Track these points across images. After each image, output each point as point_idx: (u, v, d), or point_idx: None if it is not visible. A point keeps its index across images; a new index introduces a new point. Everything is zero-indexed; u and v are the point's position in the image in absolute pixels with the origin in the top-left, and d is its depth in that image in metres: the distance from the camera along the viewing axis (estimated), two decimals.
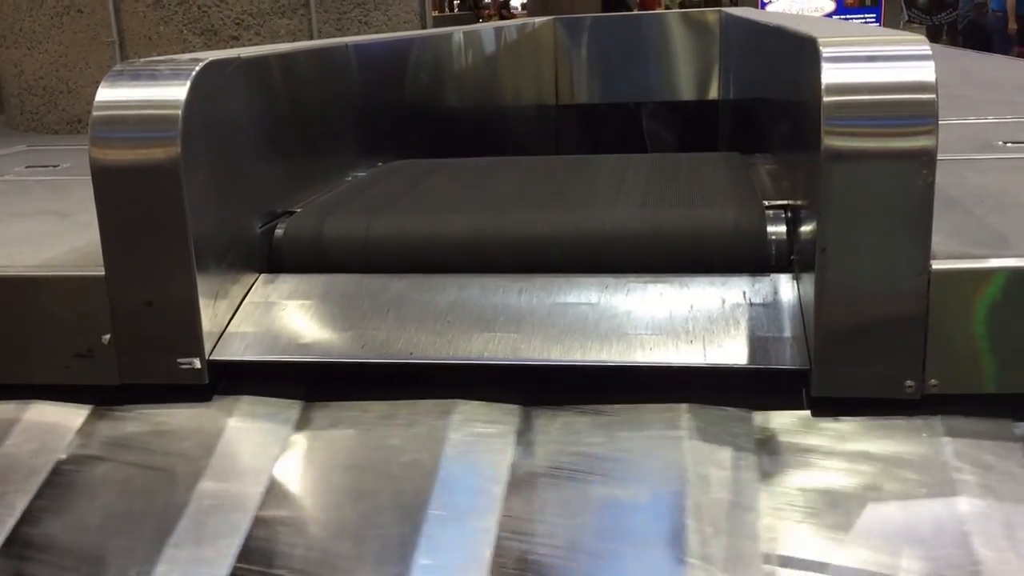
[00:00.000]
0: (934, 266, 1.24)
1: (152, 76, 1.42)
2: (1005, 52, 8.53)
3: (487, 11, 19.80)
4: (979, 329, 1.26)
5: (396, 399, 1.41)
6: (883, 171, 1.20)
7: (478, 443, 1.32)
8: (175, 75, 1.41)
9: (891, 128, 1.21)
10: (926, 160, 1.19)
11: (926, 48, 1.25)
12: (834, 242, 1.24)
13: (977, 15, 11.21)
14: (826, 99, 1.22)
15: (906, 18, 12.97)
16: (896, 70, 1.23)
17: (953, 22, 12.33)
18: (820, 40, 1.28)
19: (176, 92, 1.38)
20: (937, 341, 1.25)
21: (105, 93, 1.41)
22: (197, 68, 1.41)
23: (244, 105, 1.59)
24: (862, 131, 1.21)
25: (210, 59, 1.45)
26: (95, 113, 1.39)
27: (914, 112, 1.21)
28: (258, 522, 1.23)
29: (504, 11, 19.21)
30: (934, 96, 1.20)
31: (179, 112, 1.36)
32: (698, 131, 5.01)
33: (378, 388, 1.43)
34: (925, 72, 1.22)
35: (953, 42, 11.44)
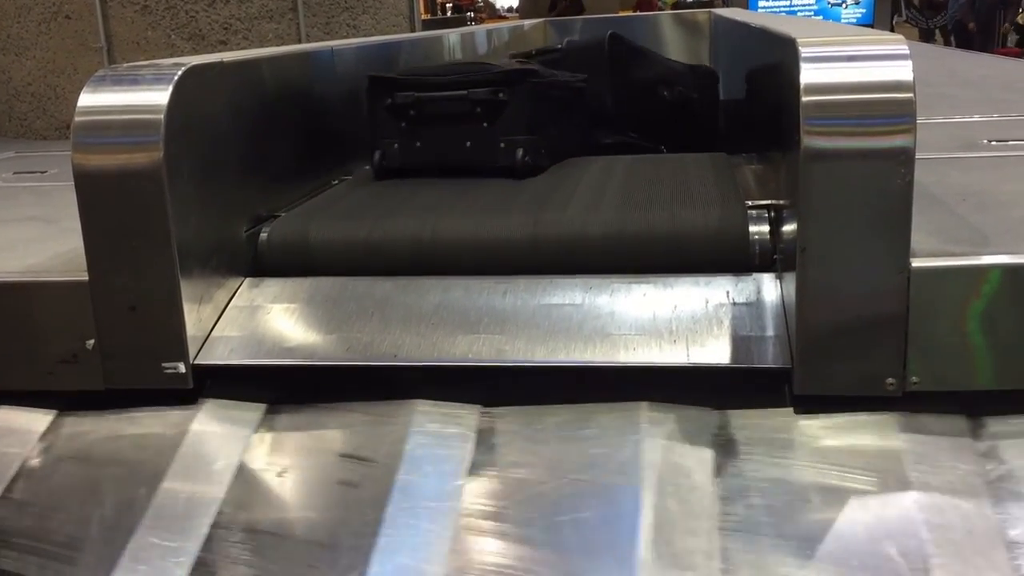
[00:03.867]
0: (914, 264, 1.24)
1: (134, 81, 1.42)
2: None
3: (480, 14, 19.84)
4: (960, 326, 1.26)
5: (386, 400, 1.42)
6: (861, 170, 1.21)
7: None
8: (157, 80, 1.41)
9: (869, 127, 1.21)
10: (904, 159, 1.20)
11: (904, 48, 1.25)
12: (814, 241, 1.24)
13: (963, 16, 11.34)
14: (805, 99, 1.22)
15: (903, 18, 13.02)
16: (874, 70, 1.24)
17: (944, 24, 12.41)
18: (800, 40, 1.29)
19: (158, 97, 1.38)
20: (918, 339, 1.26)
21: (87, 98, 1.41)
22: (179, 73, 1.41)
23: (227, 109, 1.59)
24: (841, 130, 1.22)
25: (192, 63, 1.45)
26: (77, 119, 1.39)
27: (892, 111, 1.21)
28: None
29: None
30: (912, 95, 1.21)
31: (161, 117, 1.36)
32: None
33: (364, 389, 1.43)
34: (903, 71, 1.23)
35: (947, 43, 11.53)
